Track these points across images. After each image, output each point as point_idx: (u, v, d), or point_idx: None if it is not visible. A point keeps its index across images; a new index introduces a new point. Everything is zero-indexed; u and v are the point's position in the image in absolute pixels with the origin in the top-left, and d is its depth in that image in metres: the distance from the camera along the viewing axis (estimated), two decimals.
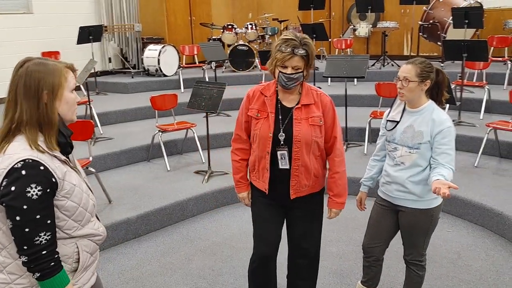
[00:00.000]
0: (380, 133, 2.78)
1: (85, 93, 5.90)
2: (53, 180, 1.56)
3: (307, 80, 2.43)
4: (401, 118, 2.56)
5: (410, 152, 2.49)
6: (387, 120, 2.65)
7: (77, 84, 6.01)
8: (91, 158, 4.40)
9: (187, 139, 5.74)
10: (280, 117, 2.41)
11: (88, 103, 5.84)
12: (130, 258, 3.78)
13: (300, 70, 2.31)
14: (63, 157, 1.65)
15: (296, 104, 2.41)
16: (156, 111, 5.54)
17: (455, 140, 2.47)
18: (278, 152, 2.39)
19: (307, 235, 2.60)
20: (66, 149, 1.69)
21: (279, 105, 2.43)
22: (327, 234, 4.05)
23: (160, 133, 5.33)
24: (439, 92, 2.55)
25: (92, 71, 5.84)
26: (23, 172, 1.50)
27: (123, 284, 3.41)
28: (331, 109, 2.45)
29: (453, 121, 2.57)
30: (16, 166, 1.50)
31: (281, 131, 2.39)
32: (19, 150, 1.54)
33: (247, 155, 2.58)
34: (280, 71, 2.31)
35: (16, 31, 7.54)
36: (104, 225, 3.93)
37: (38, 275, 1.56)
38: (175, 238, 4.11)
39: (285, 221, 2.65)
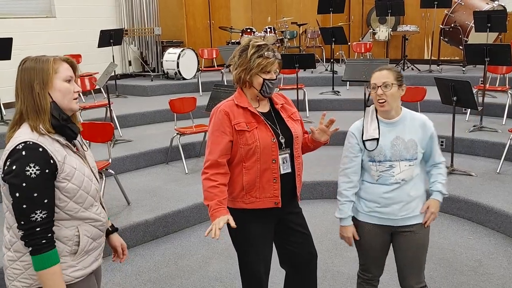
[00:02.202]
0: (350, 156, 2.41)
1: (105, 95, 5.98)
2: (51, 161, 1.67)
3: None
4: (379, 133, 2.34)
5: (410, 165, 2.30)
6: (364, 141, 2.34)
7: (98, 87, 6.11)
8: (110, 160, 4.45)
9: (205, 142, 5.76)
10: (269, 122, 2.34)
11: (108, 105, 5.91)
12: (147, 260, 3.81)
13: (277, 74, 2.34)
14: (64, 142, 1.77)
15: (271, 107, 2.40)
16: (175, 114, 5.58)
17: (477, 146, 2.41)
18: (280, 157, 2.32)
19: (310, 236, 2.51)
20: (65, 131, 1.77)
21: (259, 112, 2.35)
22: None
23: (179, 136, 5.36)
24: None
25: (112, 74, 5.91)
26: (23, 152, 1.65)
27: (140, 285, 3.43)
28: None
29: (474, 126, 2.51)
30: (18, 147, 1.66)
31: (281, 134, 2.34)
32: (22, 134, 1.70)
33: (226, 179, 2.32)
34: (264, 78, 2.26)
35: (38, 35, 7.69)
36: (122, 227, 3.98)
37: (30, 249, 1.67)
38: (193, 240, 4.12)
39: (283, 234, 2.51)
